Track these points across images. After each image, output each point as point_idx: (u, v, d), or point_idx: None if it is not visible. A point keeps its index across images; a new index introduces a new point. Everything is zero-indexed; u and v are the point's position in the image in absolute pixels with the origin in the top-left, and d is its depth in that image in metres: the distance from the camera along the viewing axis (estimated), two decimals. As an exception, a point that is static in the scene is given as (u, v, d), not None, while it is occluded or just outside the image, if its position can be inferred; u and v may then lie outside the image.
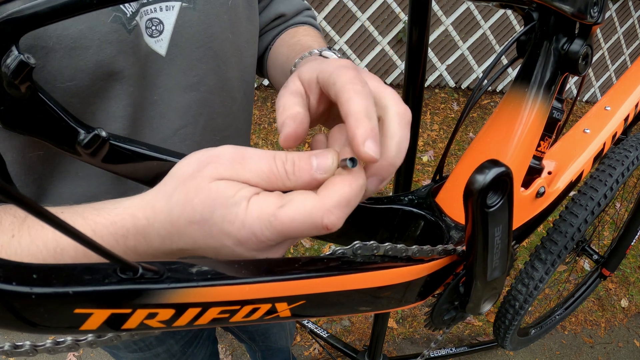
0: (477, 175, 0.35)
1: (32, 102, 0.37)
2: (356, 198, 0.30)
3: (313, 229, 0.29)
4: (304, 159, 0.30)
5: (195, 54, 0.50)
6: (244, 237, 0.29)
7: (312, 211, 0.28)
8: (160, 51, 0.47)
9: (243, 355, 1.74)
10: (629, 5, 3.22)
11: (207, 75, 0.52)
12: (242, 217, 0.29)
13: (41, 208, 0.19)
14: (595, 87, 3.61)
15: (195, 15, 0.48)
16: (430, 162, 2.72)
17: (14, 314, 0.23)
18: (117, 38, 0.42)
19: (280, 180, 0.30)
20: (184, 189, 0.30)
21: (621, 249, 1.14)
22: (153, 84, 0.48)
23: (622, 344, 1.96)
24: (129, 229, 0.32)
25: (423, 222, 0.52)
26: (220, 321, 0.30)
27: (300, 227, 0.29)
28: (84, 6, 0.34)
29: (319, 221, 0.28)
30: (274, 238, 0.29)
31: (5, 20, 0.33)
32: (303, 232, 0.29)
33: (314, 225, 0.29)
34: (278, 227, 0.28)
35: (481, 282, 0.46)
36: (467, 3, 2.81)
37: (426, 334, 1.89)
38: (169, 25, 0.47)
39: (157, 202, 0.31)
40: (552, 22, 0.47)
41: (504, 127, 0.51)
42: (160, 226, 0.31)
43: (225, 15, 0.51)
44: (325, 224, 0.28)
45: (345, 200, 0.29)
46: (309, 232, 0.29)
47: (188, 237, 0.31)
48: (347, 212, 0.29)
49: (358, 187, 0.30)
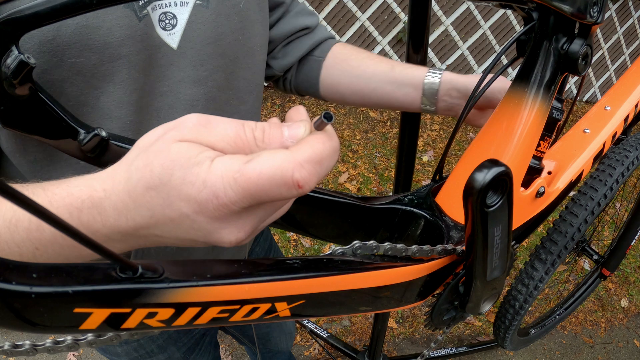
0: (477, 175, 0.35)
1: (32, 102, 0.37)
2: (329, 159, 0.28)
3: (283, 186, 0.26)
4: (274, 127, 0.29)
5: (205, 50, 0.52)
6: (205, 199, 0.26)
7: (282, 164, 0.26)
8: (172, 44, 0.49)
9: (243, 356, 1.74)
10: (629, 5, 3.21)
11: (215, 71, 0.54)
12: (204, 176, 0.26)
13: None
14: (595, 87, 3.60)
15: (207, 13, 0.50)
16: (430, 162, 2.72)
17: (14, 313, 0.23)
18: (128, 23, 0.44)
19: (248, 146, 0.28)
20: (144, 154, 0.28)
21: (621, 249, 1.14)
22: (163, 75, 0.50)
23: (622, 344, 1.96)
24: (84, 200, 0.30)
25: (423, 222, 0.52)
26: (220, 321, 0.30)
27: (268, 184, 0.26)
28: (84, 6, 0.34)
29: (289, 175, 0.26)
30: (238, 199, 0.26)
31: (5, 20, 0.33)
32: (272, 190, 0.26)
33: (284, 180, 0.26)
34: (243, 184, 0.26)
35: (481, 282, 0.46)
36: (467, 3, 2.81)
37: (426, 334, 1.89)
38: (182, 20, 0.49)
39: (117, 173, 0.29)
40: (552, 22, 0.47)
41: (504, 127, 0.51)
42: (117, 198, 0.29)
43: (236, 16, 0.53)
44: (296, 178, 0.26)
45: (317, 157, 0.27)
46: (279, 191, 0.26)
47: (145, 208, 0.28)
48: (319, 172, 0.27)
49: (332, 147, 0.28)
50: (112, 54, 0.44)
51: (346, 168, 2.55)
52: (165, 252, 0.59)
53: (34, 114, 0.38)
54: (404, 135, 0.87)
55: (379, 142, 2.78)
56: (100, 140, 0.41)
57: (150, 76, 0.48)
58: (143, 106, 0.49)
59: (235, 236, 0.29)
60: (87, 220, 0.30)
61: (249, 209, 0.28)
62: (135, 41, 0.45)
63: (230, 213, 0.27)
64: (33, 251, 0.32)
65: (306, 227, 0.53)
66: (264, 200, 0.27)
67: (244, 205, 0.27)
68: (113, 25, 0.43)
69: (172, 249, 0.59)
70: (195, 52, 0.51)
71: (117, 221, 0.29)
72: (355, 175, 2.53)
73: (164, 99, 0.51)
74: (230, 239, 0.29)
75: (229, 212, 0.27)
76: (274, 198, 0.27)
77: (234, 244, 0.29)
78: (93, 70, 0.44)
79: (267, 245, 0.96)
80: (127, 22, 0.44)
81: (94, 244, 0.23)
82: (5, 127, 0.39)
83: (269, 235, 0.99)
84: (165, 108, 0.51)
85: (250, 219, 0.29)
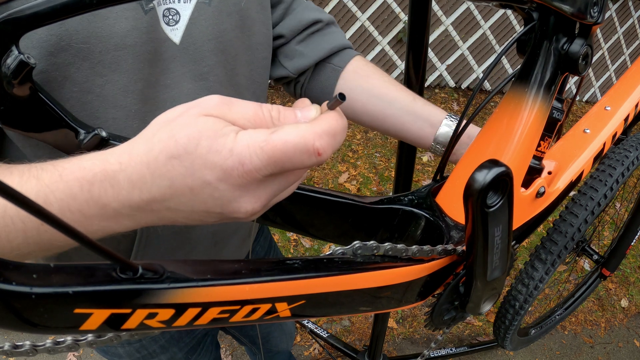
0: (477, 175, 0.35)
1: (32, 102, 0.37)
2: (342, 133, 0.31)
3: (305, 153, 0.29)
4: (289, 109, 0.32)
5: (206, 46, 0.53)
6: (230, 166, 0.28)
7: (305, 134, 0.28)
8: (175, 39, 0.50)
9: (243, 356, 1.74)
10: (629, 5, 3.22)
11: (216, 66, 0.55)
12: (231, 145, 0.28)
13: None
14: (595, 87, 3.61)
15: (209, 10, 0.52)
16: (430, 162, 2.72)
17: (14, 314, 0.23)
18: (134, 15, 0.45)
19: (265, 124, 0.31)
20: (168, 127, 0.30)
21: (621, 249, 1.14)
22: (167, 68, 0.51)
23: (622, 344, 1.96)
24: (97, 173, 0.30)
25: (423, 222, 0.52)
26: (220, 321, 0.30)
27: (292, 151, 0.28)
28: (84, 6, 0.34)
29: (311, 144, 0.28)
30: (263, 167, 0.28)
31: (5, 20, 0.33)
32: (295, 158, 0.28)
33: (307, 149, 0.28)
34: (269, 152, 0.28)
35: (481, 282, 0.46)
36: (467, 3, 2.81)
37: (426, 334, 1.89)
38: (185, 17, 0.50)
39: (135, 147, 0.30)
40: (552, 22, 0.47)
41: (504, 127, 0.51)
42: (133, 170, 0.30)
43: (236, 14, 0.55)
44: (316, 147, 0.29)
45: (333, 130, 0.30)
46: (301, 158, 0.29)
47: (165, 178, 0.29)
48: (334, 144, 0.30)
49: (344, 123, 0.31)
50: (118, 43, 0.45)
51: (346, 168, 2.55)
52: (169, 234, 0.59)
53: (34, 114, 0.38)
54: (404, 135, 0.86)
55: (379, 142, 2.78)
56: (100, 140, 0.41)
57: (155, 68, 0.50)
58: (148, 96, 0.50)
59: (252, 206, 0.31)
60: (97, 193, 0.30)
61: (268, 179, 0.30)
62: (140, 32, 0.46)
63: (252, 181, 0.29)
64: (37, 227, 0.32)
65: (306, 227, 0.53)
66: (287, 167, 0.29)
67: (267, 172, 0.29)
68: (119, 16, 0.44)
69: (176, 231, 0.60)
70: (196, 47, 0.52)
71: (130, 194, 0.30)
72: (355, 175, 2.53)
73: (168, 92, 0.52)
74: (247, 208, 0.31)
75: (251, 180, 0.29)
76: (296, 165, 0.29)
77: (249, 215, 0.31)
78: (99, 58, 0.45)
79: (267, 245, 0.97)
80: (133, 14, 0.45)
81: (95, 244, 0.23)
82: (6, 127, 0.39)
83: (268, 235, 0.99)
84: (169, 100, 0.52)
85: (267, 189, 0.31)
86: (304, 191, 0.48)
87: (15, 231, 0.32)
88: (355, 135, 2.81)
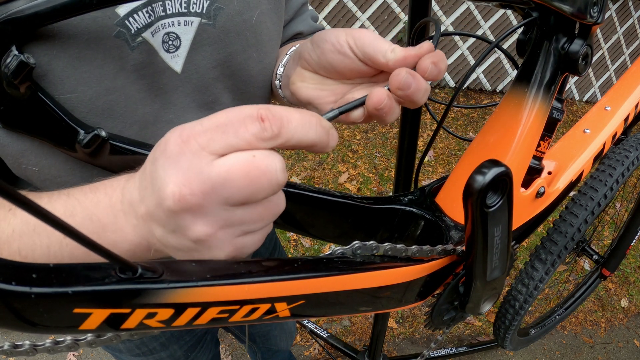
0: (477, 175, 0.35)
1: (32, 102, 0.37)
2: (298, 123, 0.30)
3: (248, 117, 0.28)
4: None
5: (211, 73, 0.48)
6: (170, 136, 0.28)
7: (252, 107, 0.28)
8: (176, 67, 0.46)
9: (243, 355, 1.74)
10: (629, 5, 3.21)
11: (223, 94, 0.51)
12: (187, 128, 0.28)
13: (41, 208, 0.19)
14: (595, 87, 3.60)
15: (214, 32, 0.46)
16: (430, 162, 2.72)
17: (14, 313, 0.23)
18: (119, 54, 0.41)
19: None
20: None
21: (621, 249, 1.14)
22: (168, 102, 0.47)
23: (622, 344, 1.96)
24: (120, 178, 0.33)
25: (423, 222, 0.52)
26: (220, 321, 0.30)
27: (234, 114, 0.28)
28: (84, 6, 0.34)
29: (255, 110, 0.28)
30: (202, 131, 0.27)
31: (5, 20, 0.33)
32: (235, 120, 0.27)
33: (249, 112, 0.28)
34: (212, 118, 0.28)
35: (481, 282, 0.46)
36: (467, 3, 2.81)
37: (426, 334, 1.89)
38: (186, 42, 0.45)
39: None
40: (552, 22, 0.47)
41: (504, 127, 0.51)
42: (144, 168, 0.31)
43: (248, 32, 0.49)
44: (260, 112, 0.28)
45: (287, 114, 0.29)
46: (244, 123, 0.27)
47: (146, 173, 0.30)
48: (284, 125, 0.28)
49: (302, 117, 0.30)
50: (109, 87, 0.42)
51: (346, 168, 2.55)
52: None
53: (33, 114, 0.38)
54: (404, 135, 0.86)
55: (379, 142, 2.78)
56: (101, 140, 0.41)
57: (154, 104, 0.46)
58: (146, 137, 0.46)
59: (175, 183, 0.27)
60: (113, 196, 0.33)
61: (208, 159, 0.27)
62: (128, 72, 0.42)
63: (186, 150, 0.27)
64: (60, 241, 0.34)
65: (306, 227, 0.53)
66: (228, 131, 0.27)
67: (204, 139, 0.27)
68: (106, 57, 0.40)
69: None
70: (199, 76, 0.47)
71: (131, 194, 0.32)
72: (355, 175, 2.53)
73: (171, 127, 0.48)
74: (172, 188, 0.27)
75: (186, 148, 0.27)
76: (239, 133, 0.27)
77: (171, 197, 0.27)
78: (90, 106, 0.42)
79: (272, 246, 0.96)
80: (118, 54, 0.41)
81: (95, 244, 0.23)
82: (6, 127, 0.39)
83: (274, 236, 0.98)
84: None
85: (203, 172, 0.27)
86: (304, 191, 0.48)
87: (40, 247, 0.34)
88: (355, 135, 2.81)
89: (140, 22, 0.41)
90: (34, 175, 0.44)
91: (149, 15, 0.41)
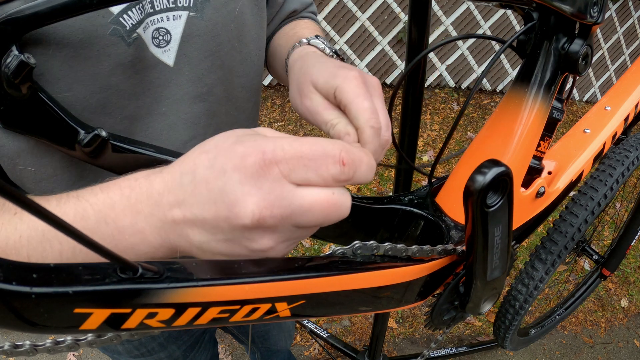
0: (477, 175, 0.35)
1: (32, 102, 0.37)
2: (367, 166, 0.32)
3: (330, 158, 0.29)
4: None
5: (203, 64, 0.49)
6: (249, 153, 0.28)
7: (335, 144, 0.30)
8: (168, 61, 0.46)
9: (243, 356, 1.74)
10: (629, 5, 3.21)
11: (215, 85, 0.52)
12: (260, 139, 0.29)
13: (43, 209, 0.19)
14: (595, 87, 3.60)
15: (203, 24, 0.47)
16: (430, 162, 2.72)
17: (14, 313, 0.23)
18: (115, 51, 0.41)
19: None
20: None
21: (621, 249, 1.14)
22: (161, 95, 0.47)
23: (622, 344, 1.96)
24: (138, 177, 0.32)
25: (423, 222, 0.52)
26: (220, 321, 0.30)
27: (318, 153, 0.29)
28: (84, 6, 0.34)
29: (337, 151, 0.29)
30: (283, 160, 0.28)
31: (5, 20, 0.33)
32: (319, 160, 0.29)
33: (332, 153, 0.29)
34: (297, 147, 0.28)
35: (481, 282, 0.46)
36: (467, 3, 2.81)
37: (426, 334, 1.89)
38: (176, 35, 0.46)
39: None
40: (552, 22, 0.47)
41: (504, 127, 0.51)
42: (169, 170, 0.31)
43: (232, 24, 0.50)
44: (342, 155, 0.29)
45: (364, 156, 0.31)
46: (325, 162, 0.29)
47: (190, 172, 0.30)
48: (360, 167, 0.31)
49: (372, 160, 0.32)
50: (103, 84, 0.42)
51: (346, 168, 2.55)
52: None
53: (34, 114, 0.38)
54: (404, 135, 0.86)
55: (379, 142, 2.78)
56: (101, 140, 0.41)
57: (146, 98, 0.46)
58: (136, 131, 0.47)
59: (257, 206, 0.28)
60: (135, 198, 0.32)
61: (285, 186, 0.29)
62: (124, 68, 0.43)
63: (267, 175, 0.28)
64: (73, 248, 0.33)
65: (306, 227, 0.53)
66: (310, 167, 0.29)
67: (286, 169, 0.28)
68: (101, 55, 0.41)
69: None
70: (192, 67, 0.48)
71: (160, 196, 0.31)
72: (355, 175, 2.53)
73: (164, 120, 0.49)
74: (252, 208, 0.28)
75: (266, 173, 0.28)
76: (319, 170, 0.29)
77: (251, 218, 0.28)
78: (84, 104, 0.42)
79: None
80: (114, 50, 0.41)
81: (95, 244, 0.23)
82: (6, 127, 0.39)
83: None
84: (166, 129, 0.50)
85: (280, 196, 0.29)
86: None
87: (52, 253, 0.33)
88: (355, 135, 2.81)
89: (134, 18, 0.42)
90: (29, 176, 0.44)
91: (140, 12, 0.42)
